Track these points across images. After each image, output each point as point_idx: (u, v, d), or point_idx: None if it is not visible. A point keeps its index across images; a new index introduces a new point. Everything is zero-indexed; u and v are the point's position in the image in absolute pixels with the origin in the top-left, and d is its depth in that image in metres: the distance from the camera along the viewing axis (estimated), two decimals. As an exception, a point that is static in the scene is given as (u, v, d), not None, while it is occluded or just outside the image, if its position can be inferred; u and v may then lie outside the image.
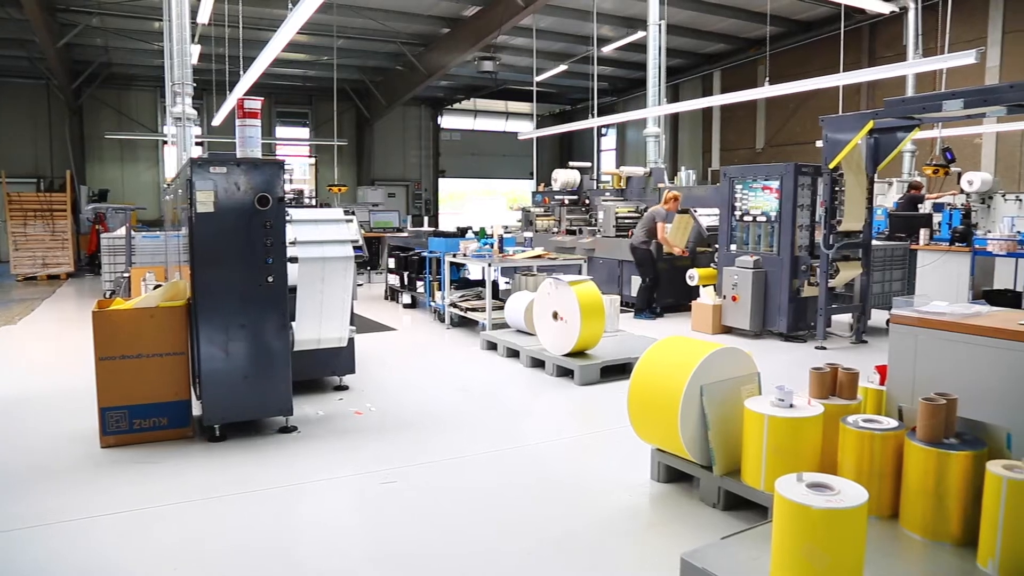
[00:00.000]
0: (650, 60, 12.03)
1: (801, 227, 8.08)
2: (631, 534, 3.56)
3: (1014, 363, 3.18)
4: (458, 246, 8.99)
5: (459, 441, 4.87)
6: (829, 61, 16.06)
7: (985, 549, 2.78)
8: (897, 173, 15.47)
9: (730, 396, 3.73)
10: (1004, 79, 14.68)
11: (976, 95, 6.30)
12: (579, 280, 6.60)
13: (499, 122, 28.74)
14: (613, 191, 11.80)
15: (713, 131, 23.13)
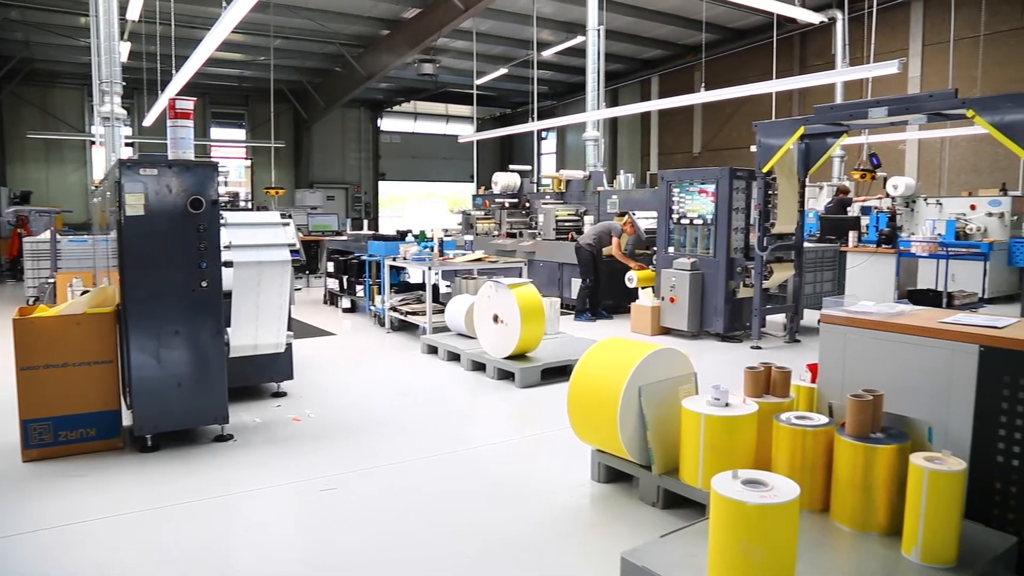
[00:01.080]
0: (589, 65, 12.16)
1: (736, 230, 8.27)
2: (573, 534, 3.58)
3: (934, 359, 3.31)
4: (398, 250, 8.92)
5: (400, 445, 4.83)
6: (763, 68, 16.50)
7: (909, 538, 2.89)
8: (827, 177, 15.99)
9: (668, 396, 3.79)
10: (924, 88, 15.32)
11: (899, 103, 6.56)
12: (519, 283, 6.63)
13: (439, 125, 28.65)
14: (553, 194, 11.89)
15: (651, 135, 23.50)
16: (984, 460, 3.17)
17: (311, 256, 14.36)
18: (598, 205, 10.91)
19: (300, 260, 5.27)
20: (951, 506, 2.82)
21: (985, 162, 14.93)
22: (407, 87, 24.19)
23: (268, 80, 18.26)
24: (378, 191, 27.53)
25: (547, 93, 24.82)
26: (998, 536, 3.05)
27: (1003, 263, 11.46)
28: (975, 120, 5.85)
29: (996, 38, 14.60)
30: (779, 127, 7.57)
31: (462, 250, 9.42)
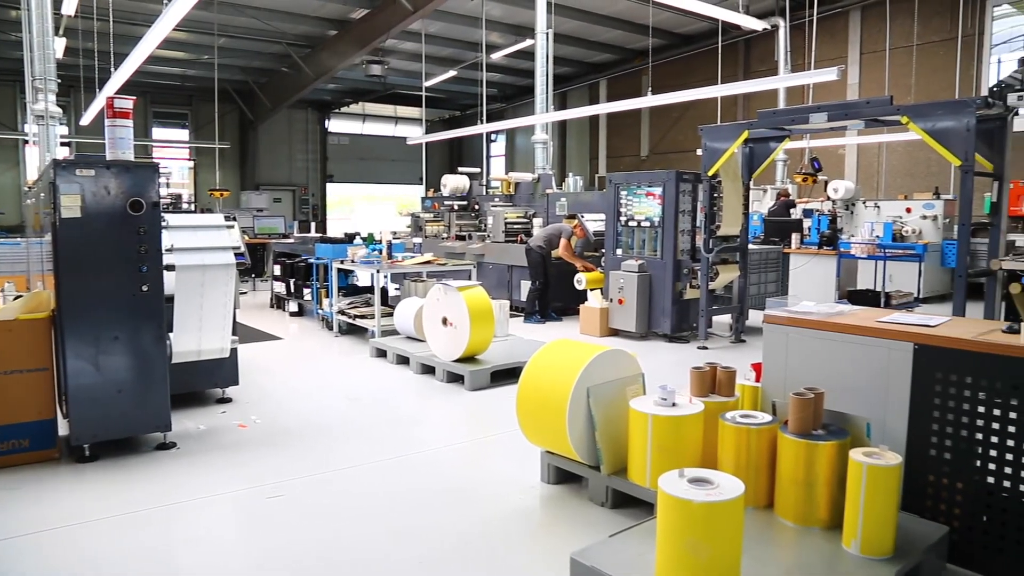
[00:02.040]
0: (538, 68, 12.21)
1: (683, 232, 8.39)
2: (523, 536, 3.59)
3: (872, 357, 3.41)
4: (346, 252, 8.83)
5: (349, 450, 4.78)
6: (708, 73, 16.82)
7: (849, 531, 2.97)
8: (771, 181, 16.35)
9: (616, 397, 3.82)
10: (863, 95, 15.80)
11: (838, 109, 6.75)
12: (468, 285, 6.62)
13: (388, 126, 28.46)
14: (502, 197, 11.90)
15: (600, 138, 23.73)
16: (919, 453, 3.28)
17: (257, 259, 14.12)
18: (547, 207, 10.96)
19: (245, 263, 5.18)
20: (888, 499, 2.91)
21: (920, 167, 15.46)
22: (355, 88, 23.98)
23: (212, 79, 17.89)
24: (326, 193, 27.21)
25: (496, 95, 24.87)
26: (931, 526, 3.16)
27: (937, 264, 11.88)
28: (909, 126, 6.05)
29: (928, 48, 15.14)
30: (724, 131, 7.71)
31: (411, 253, 9.37)
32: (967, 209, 5.87)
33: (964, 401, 3.14)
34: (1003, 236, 6.33)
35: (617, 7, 16.61)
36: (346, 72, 20.00)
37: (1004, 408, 3.04)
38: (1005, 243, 6.44)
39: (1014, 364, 3.01)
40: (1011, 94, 6.07)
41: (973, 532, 3.14)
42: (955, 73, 14.27)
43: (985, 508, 3.11)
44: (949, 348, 3.18)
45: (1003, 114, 6.06)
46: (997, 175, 6.10)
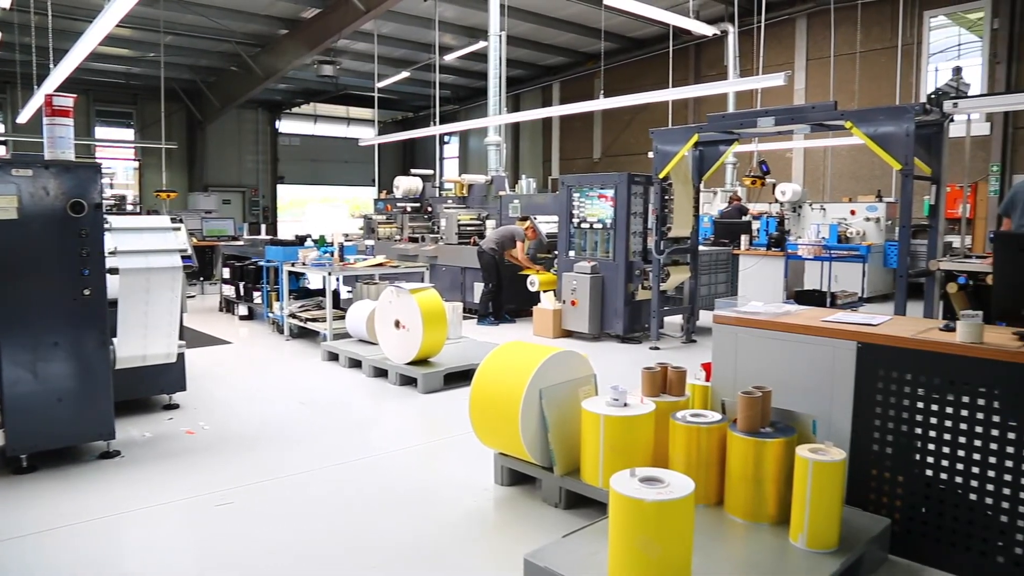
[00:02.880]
0: (491, 70, 12.21)
1: (635, 234, 8.48)
2: (476, 538, 3.58)
3: (818, 356, 3.49)
4: (297, 255, 8.71)
5: (300, 456, 4.71)
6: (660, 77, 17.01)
7: (796, 525, 3.03)
8: (721, 183, 16.63)
9: (568, 398, 3.84)
10: (809, 100, 16.18)
11: (785, 113, 6.90)
12: (421, 288, 6.58)
13: (340, 128, 28.17)
14: (455, 199, 11.87)
15: (553, 140, 23.84)
16: (862, 449, 3.37)
17: (205, 262, 13.83)
18: (500, 210, 10.97)
19: (192, 266, 5.07)
20: (833, 494, 2.98)
21: (863, 170, 15.88)
22: (307, 89, 23.68)
23: (159, 78, 17.46)
24: (276, 195, 26.80)
25: (450, 97, 24.81)
26: (874, 519, 3.25)
27: (879, 265, 12.21)
28: (853, 131, 6.21)
29: (870, 56, 15.57)
30: (674, 134, 7.81)
31: (363, 255, 9.29)
32: (907, 211, 6.05)
33: (905, 397, 3.24)
34: (941, 238, 6.54)
35: (570, 10, 16.71)
36: (297, 72, 19.74)
37: (941, 403, 3.14)
38: (943, 244, 6.65)
39: (950, 361, 3.11)
40: (947, 101, 6.28)
41: (913, 523, 3.24)
42: (895, 80, 14.71)
43: (924, 500, 3.21)
44: (890, 346, 3.27)
45: (940, 120, 6.26)
46: (935, 179, 6.30)
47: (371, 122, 26.35)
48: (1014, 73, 14.16)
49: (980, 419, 3.04)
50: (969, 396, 3.07)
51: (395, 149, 28.62)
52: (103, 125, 23.06)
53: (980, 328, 3.10)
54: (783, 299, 9.07)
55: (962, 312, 3.19)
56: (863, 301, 9.83)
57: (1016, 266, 3.24)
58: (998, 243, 3.38)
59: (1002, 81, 14.15)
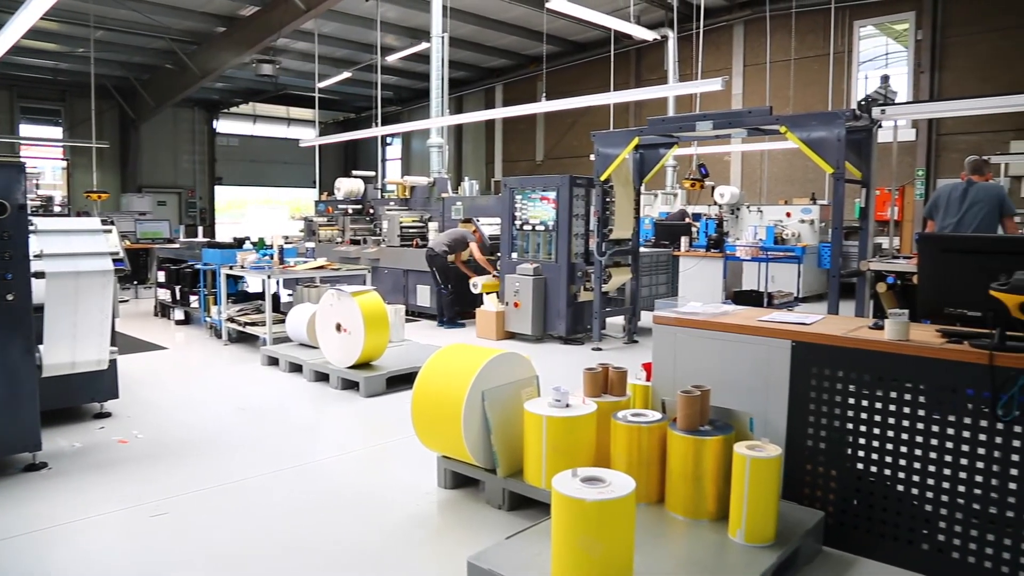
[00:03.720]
0: (433, 71, 12.16)
1: (577, 235, 8.54)
2: (420, 542, 3.55)
3: (754, 355, 3.57)
4: (235, 257, 8.51)
5: (239, 463, 4.60)
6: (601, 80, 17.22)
7: (734, 521, 3.10)
8: (661, 186, 16.89)
9: (510, 400, 3.84)
10: (745, 105, 16.56)
11: (722, 118, 7.05)
12: (362, 291, 6.51)
13: (280, 128, 27.69)
14: (398, 201, 11.78)
15: (496, 143, 23.88)
16: (797, 445, 3.46)
17: (139, 265, 13.42)
18: (443, 212, 10.93)
19: (124, 269, 4.91)
20: (770, 489, 3.05)
21: (798, 173, 16.33)
22: (245, 88, 23.22)
23: (89, 74, 16.87)
24: (214, 196, 26.20)
25: (392, 98, 24.63)
26: (809, 512, 3.34)
27: (814, 265, 12.56)
28: (787, 135, 6.38)
29: (804, 62, 16.03)
30: (616, 137, 7.90)
31: (303, 258, 9.14)
32: (839, 214, 6.24)
33: (837, 394, 3.34)
34: (871, 239, 6.77)
35: (512, 13, 16.77)
36: (235, 71, 19.33)
37: (871, 399, 3.25)
38: (872, 245, 6.88)
39: (879, 358, 3.22)
40: (875, 108, 6.51)
41: (846, 515, 3.34)
42: (828, 87, 15.16)
43: (856, 493, 3.31)
44: (823, 345, 3.37)
45: (869, 126, 6.48)
46: (865, 182, 6.52)
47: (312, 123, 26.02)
48: (937, 82, 14.76)
49: (907, 413, 3.15)
50: (896, 392, 3.18)
51: (336, 150, 28.27)
52: (29, 122, 22.15)
53: (906, 326, 3.22)
54: (722, 299, 9.26)
55: (890, 311, 3.31)
56: (799, 301, 10.09)
57: (939, 266, 3.37)
58: (922, 244, 3.51)
59: (926, 90, 14.73)
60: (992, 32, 14.04)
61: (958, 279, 3.24)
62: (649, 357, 4.05)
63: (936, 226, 6.55)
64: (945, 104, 11.51)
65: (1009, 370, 2.82)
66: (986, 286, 2.71)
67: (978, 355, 2.94)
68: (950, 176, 12.99)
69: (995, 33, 14.01)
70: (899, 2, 15.06)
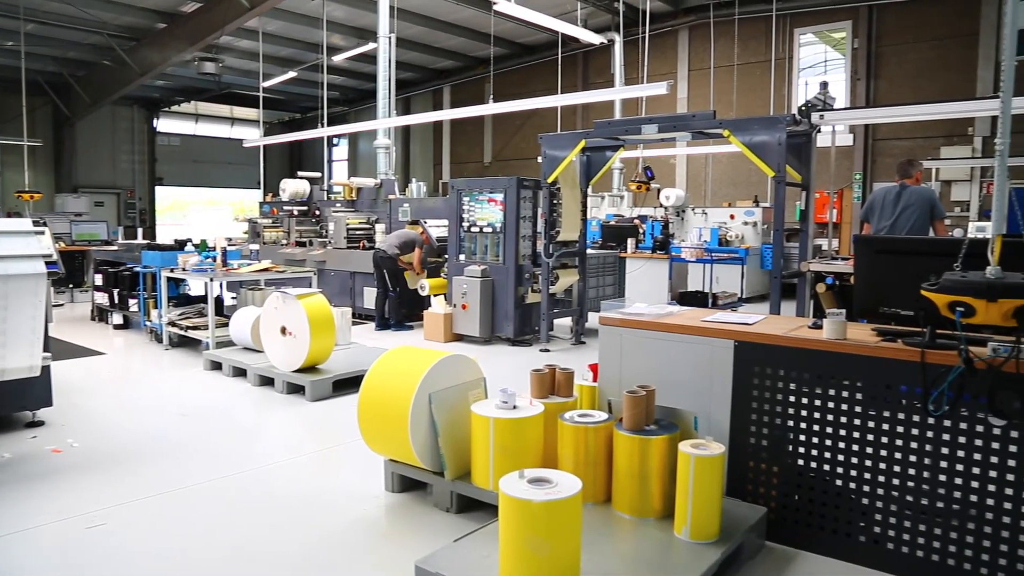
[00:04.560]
0: (380, 72, 12.07)
1: (524, 237, 8.57)
2: (367, 547, 3.52)
3: (698, 354, 3.63)
4: (176, 260, 8.32)
5: (180, 471, 4.48)
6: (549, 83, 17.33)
7: (680, 519, 3.14)
8: (608, 188, 17.05)
9: (458, 402, 3.83)
10: (691, 109, 16.84)
11: (667, 121, 7.15)
12: (308, 293, 6.42)
13: (224, 128, 27.14)
14: (344, 202, 11.66)
15: (444, 144, 23.82)
16: (740, 442, 3.53)
17: (75, 268, 13.00)
18: (390, 213, 10.85)
19: (58, 272, 4.75)
20: (714, 487, 3.10)
21: (741, 176, 16.67)
22: (187, 86, 22.70)
23: (19, 69, 16.27)
24: (155, 197, 25.53)
25: (338, 99, 24.37)
26: (752, 508, 3.41)
27: (757, 266, 12.83)
28: (730, 139, 6.50)
29: (747, 68, 16.38)
30: (563, 140, 7.95)
31: (247, 260, 8.97)
32: (780, 216, 6.39)
33: (778, 392, 3.41)
34: (811, 240, 6.94)
35: (460, 15, 16.76)
36: (177, 69, 18.88)
37: (811, 396, 3.33)
38: (812, 247, 7.06)
39: (817, 356, 3.30)
40: (815, 113, 6.68)
41: (787, 511, 3.42)
42: (770, 92, 15.54)
43: (797, 488, 3.39)
44: (764, 344, 3.44)
45: (808, 131, 6.65)
46: (805, 185, 6.69)
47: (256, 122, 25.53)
48: (872, 89, 15.25)
49: (844, 410, 3.24)
50: (835, 389, 3.27)
51: (282, 151, 27.84)
52: (-44, 120, 21.25)
53: (843, 325, 3.31)
54: (667, 300, 9.38)
55: (828, 311, 3.40)
56: (742, 301, 10.30)
57: (874, 267, 3.47)
58: (858, 246, 3.61)
59: (862, 96, 15.21)
60: (922, 43, 14.58)
61: (892, 280, 3.35)
62: (596, 358, 4.08)
63: (872, 228, 6.75)
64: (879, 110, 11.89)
65: (939, 367, 2.91)
66: (918, 286, 2.80)
67: (910, 353, 3.04)
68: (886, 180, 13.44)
69: (924, 44, 14.55)
70: (837, 12, 15.50)
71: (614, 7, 15.34)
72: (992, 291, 2.58)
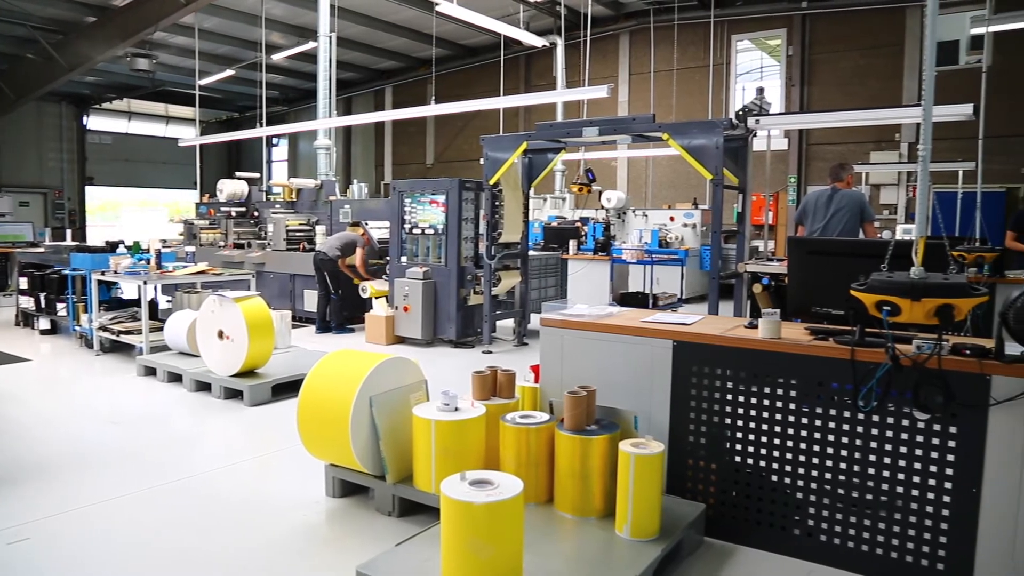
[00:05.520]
0: (320, 72, 11.90)
1: (466, 239, 8.55)
2: (308, 553, 3.46)
3: (638, 355, 3.68)
4: (108, 262, 8.05)
5: (113, 480, 4.33)
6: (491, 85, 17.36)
7: (621, 517, 3.18)
8: (550, 190, 17.16)
9: (399, 405, 3.80)
10: (631, 112, 17.07)
11: (608, 124, 7.23)
12: (246, 296, 6.29)
13: (158, 126, 26.38)
14: (284, 203, 11.46)
15: (386, 145, 23.63)
16: (679, 440, 3.59)
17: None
18: (331, 215, 10.71)
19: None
20: (654, 485, 3.15)
21: (681, 179, 16.97)
22: (119, 83, 21.98)
23: (-64, 64, 15.57)
24: (84, 197, 24.65)
25: (278, 98, 23.94)
26: (691, 505, 3.47)
27: (697, 267, 13.07)
28: (669, 142, 6.61)
29: (686, 73, 16.68)
30: (505, 142, 7.97)
31: (183, 262, 8.74)
32: (718, 218, 6.52)
33: (716, 391, 3.48)
34: (747, 242, 7.11)
35: (402, 15, 16.65)
36: (108, 65, 18.27)
37: (747, 394, 3.41)
38: (749, 248, 7.23)
39: (753, 355, 3.38)
40: (751, 118, 6.84)
41: (725, 507, 3.49)
42: (708, 97, 15.85)
43: (734, 484, 3.46)
44: (702, 344, 3.51)
45: (745, 135, 6.81)
46: (741, 188, 6.84)
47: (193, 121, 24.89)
48: (806, 95, 15.70)
49: (779, 407, 3.33)
50: (770, 387, 3.35)
51: (219, 151, 27.21)
52: None
53: (778, 325, 3.39)
54: (609, 301, 9.48)
55: (764, 311, 3.48)
56: (682, 302, 10.47)
57: (807, 268, 3.57)
58: (791, 247, 3.71)
59: (797, 102, 15.64)
60: (852, 52, 15.08)
61: (824, 280, 3.45)
62: (538, 359, 4.09)
63: (806, 230, 6.94)
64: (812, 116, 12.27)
65: (868, 364, 3.02)
66: (848, 286, 2.89)
67: (841, 351, 3.13)
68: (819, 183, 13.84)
69: (855, 52, 15.05)
70: (772, 20, 15.91)
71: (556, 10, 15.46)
72: (915, 291, 2.67)
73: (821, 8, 15.20)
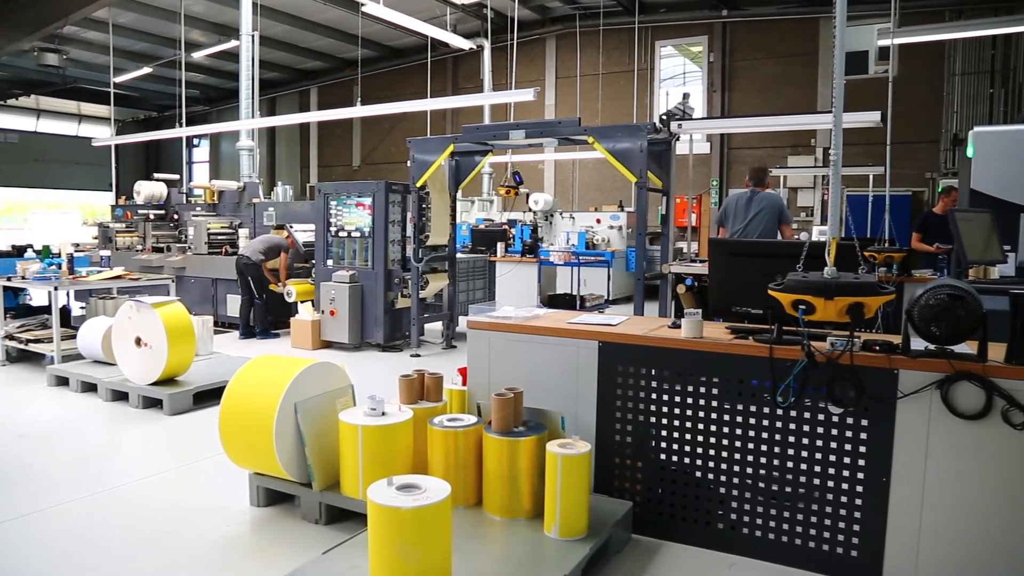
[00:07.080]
0: (243, 71, 11.63)
1: (393, 242, 8.48)
2: (233, 564, 3.36)
3: (564, 356, 3.72)
4: (14, 268, 7.66)
5: (22, 497, 4.11)
6: (419, 87, 17.25)
7: (549, 517, 3.20)
8: (477, 192, 17.18)
9: (325, 410, 3.74)
10: (557, 115, 17.26)
11: (534, 127, 7.29)
12: (165, 301, 6.08)
13: (70, 125, 25.29)
14: (205, 206, 11.13)
15: (311, 147, 23.24)
16: (606, 440, 3.63)
17: None
18: (254, 217, 10.46)
19: None
20: (581, 484, 3.18)
21: (607, 182, 17.22)
22: (26, 79, 20.95)
23: None
24: (-11, 199, 23.44)
25: (199, 97, 23.25)
26: (618, 503, 3.52)
27: (623, 269, 13.30)
28: (595, 146, 6.70)
29: (611, 77, 16.96)
30: (432, 144, 7.93)
31: (98, 267, 8.40)
32: (643, 220, 6.64)
33: (641, 390, 3.54)
34: (672, 244, 7.27)
35: (327, 15, 16.41)
36: (13, 59, 17.40)
37: (671, 393, 3.48)
38: (673, 250, 7.39)
39: (676, 355, 3.45)
40: (674, 122, 7.00)
41: (651, 504, 3.56)
42: (633, 101, 16.14)
43: (660, 482, 3.53)
44: (626, 344, 3.57)
45: (668, 139, 6.96)
46: (665, 191, 6.99)
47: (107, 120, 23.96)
48: (727, 101, 16.16)
49: (702, 405, 3.41)
50: (692, 385, 3.42)
51: (136, 151, 26.25)
52: None
53: (700, 324, 3.48)
54: (537, 303, 9.55)
55: (686, 310, 3.56)
56: (609, 303, 10.63)
57: (727, 269, 3.67)
58: (712, 249, 3.81)
59: (718, 107, 16.09)
60: (771, 59, 15.61)
61: (743, 280, 3.56)
62: (466, 362, 4.09)
63: (727, 232, 7.14)
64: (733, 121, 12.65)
65: (785, 361, 3.12)
66: (766, 286, 2.98)
67: (760, 349, 3.23)
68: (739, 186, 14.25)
69: (772, 60, 15.58)
70: (694, 27, 16.32)
71: (483, 13, 15.49)
72: (828, 290, 2.78)
73: (740, 16, 15.67)
